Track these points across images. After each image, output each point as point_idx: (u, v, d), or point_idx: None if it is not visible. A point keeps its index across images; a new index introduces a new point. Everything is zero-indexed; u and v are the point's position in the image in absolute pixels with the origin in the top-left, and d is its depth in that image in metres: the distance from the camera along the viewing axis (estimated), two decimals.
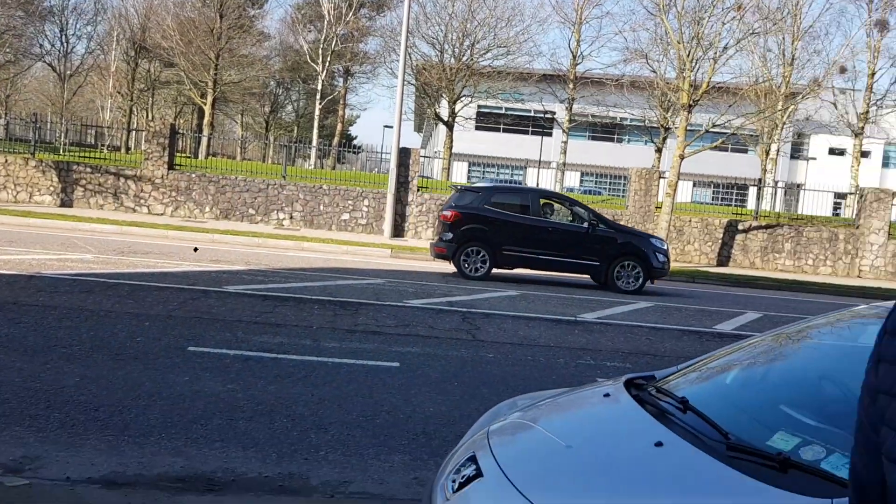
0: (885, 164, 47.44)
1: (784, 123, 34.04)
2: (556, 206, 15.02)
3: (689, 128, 22.45)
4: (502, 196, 14.72)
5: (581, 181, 45.55)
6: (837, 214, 36.26)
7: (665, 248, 14.78)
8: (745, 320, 11.78)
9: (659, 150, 31.39)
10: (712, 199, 44.60)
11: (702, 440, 2.38)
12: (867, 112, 34.15)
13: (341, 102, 51.04)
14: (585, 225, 14.30)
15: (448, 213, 14.26)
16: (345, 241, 18.69)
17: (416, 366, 6.86)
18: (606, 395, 3.04)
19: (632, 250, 14.23)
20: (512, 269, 14.60)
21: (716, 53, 22.12)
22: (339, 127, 50.23)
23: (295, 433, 4.89)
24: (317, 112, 45.04)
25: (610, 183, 44.83)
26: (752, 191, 34.79)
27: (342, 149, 40.67)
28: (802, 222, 23.33)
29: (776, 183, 33.01)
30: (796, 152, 46.48)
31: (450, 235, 14.07)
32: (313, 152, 41.33)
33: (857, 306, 3.47)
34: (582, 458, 2.54)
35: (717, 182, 45.11)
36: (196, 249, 14.57)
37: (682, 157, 21.72)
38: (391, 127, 23.64)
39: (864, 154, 38.47)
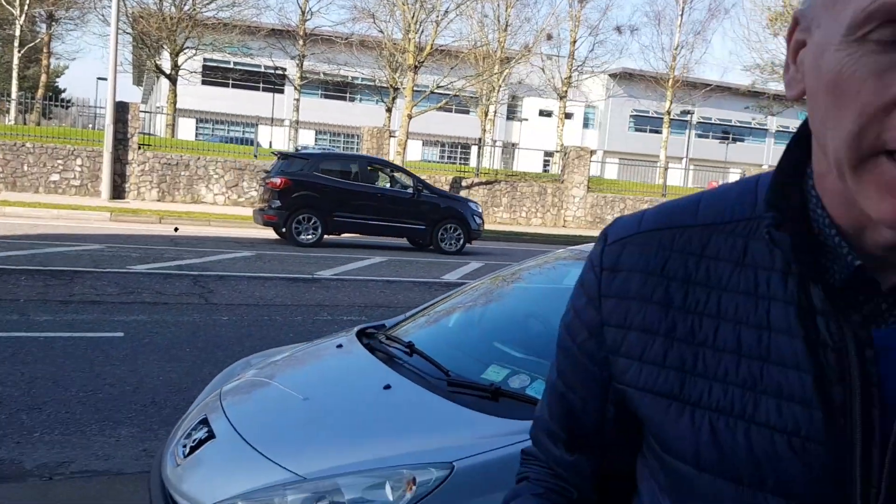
0: (586, 124, 52.71)
1: (500, 86, 36.45)
2: (384, 172, 15.47)
3: (415, 88, 23.24)
4: (331, 163, 14.96)
5: (316, 140, 45.34)
6: (547, 171, 39.81)
7: (480, 211, 15.80)
8: (469, 269, 12.62)
9: (389, 110, 32.16)
10: (440, 158, 46.76)
11: (426, 379, 2.56)
12: (570, 77, 37.64)
13: (45, 51, 45.64)
14: (410, 191, 14.93)
15: (277, 181, 13.96)
16: (56, 204, 16.95)
17: (143, 334, 6.50)
18: (340, 346, 3.14)
19: (453, 214, 15.08)
20: (340, 234, 14.69)
21: (438, 16, 23.03)
22: (43, 78, 44.94)
23: (3, 416, 4.43)
24: (15, 61, 39.86)
25: (344, 141, 45.14)
26: (474, 149, 37.02)
27: (48, 102, 36.59)
28: (517, 178, 25.31)
29: (494, 142, 35.39)
30: (511, 113, 50.02)
31: (278, 203, 13.83)
32: (13, 106, 36.68)
33: (559, 250, 3.90)
34: (317, 407, 2.61)
35: (443, 141, 47.31)
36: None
37: (410, 117, 22.48)
38: (106, 79, 21.68)
39: (568, 115, 42.45)
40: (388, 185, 15.25)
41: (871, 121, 0.58)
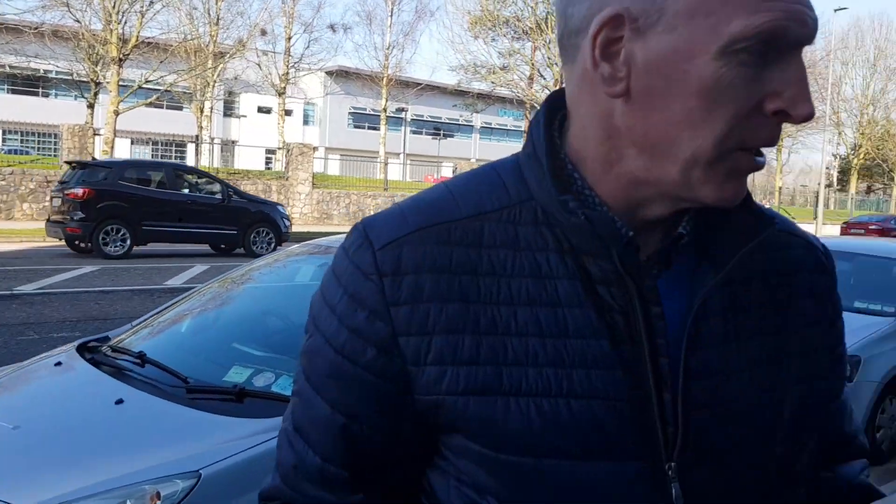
0: (306, 121, 52.57)
1: (215, 82, 35.13)
2: (192, 179, 15.48)
3: (122, 83, 21.65)
4: (136, 171, 14.59)
5: (4, 140, 40.29)
6: (269, 168, 39.20)
7: (287, 214, 16.40)
8: (195, 273, 12.07)
9: (91, 106, 29.55)
10: (152, 157, 43.91)
11: (163, 389, 2.45)
12: (287, 73, 37.37)
13: None
14: (220, 196, 14.94)
15: (79, 191, 13.25)
16: None
17: None
18: (58, 363, 2.88)
19: (264, 218, 15.40)
20: (145, 244, 14.30)
21: (143, 7, 21.61)
22: None
23: None
24: None
25: (39, 141, 40.60)
26: (191, 147, 35.35)
27: None
28: (240, 176, 24.61)
29: (213, 140, 34.11)
30: (229, 110, 48.39)
31: (82, 215, 13.18)
32: None
33: (291, 247, 3.91)
34: (34, 433, 2.39)
35: (156, 139, 44.47)
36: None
37: (117, 114, 20.90)
38: None
39: (288, 112, 42.10)
40: (204, 192, 15.18)
41: (738, 124, 0.66)
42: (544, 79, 35.12)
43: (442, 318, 0.70)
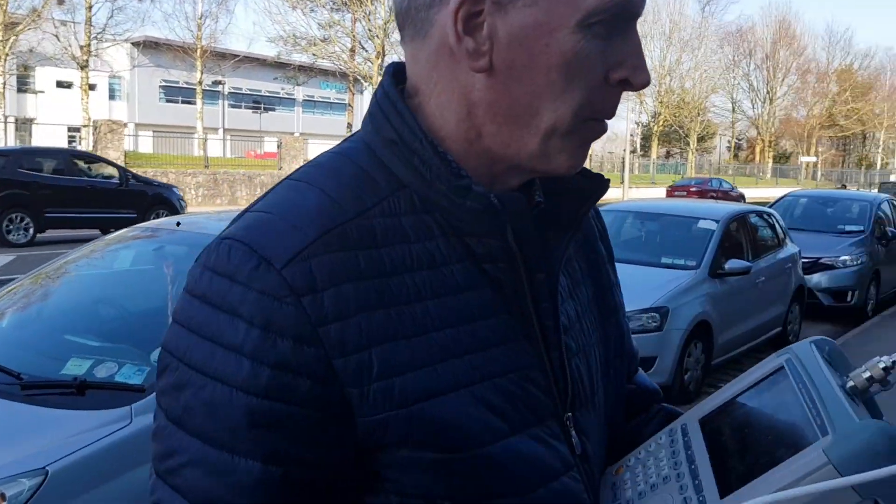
0: (112, 96, 49.05)
1: (7, 55, 32.01)
2: (88, 165, 15.68)
3: None
4: (34, 158, 14.85)
5: None
6: (74, 147, 36.46)
7: (182, 195, 16.94)
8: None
9: None
10: None
11: None
12: (89, 45, 34.70)
13: None
14: (117, 180, 15.27)
15: None
16: None
17: None
18: None
19: (161, 200, 15.87)
20: (44, 231, 14.34)
21: None
22: None
23: None
24: None
25: None
26: None
27: None
28: None
29: (6, 118, 31.19)
30: (23, 85, 44.24)
31: None
32: None
33: (114, 233, 3.75)
34: None
35: None
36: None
37: None
38: None
39: (92, 87, 39.09)
40: (102, 177, 15.46)
41: (592, 94, 0.68)
42: (366, 51, 34.98)
43: (375, 328, 0.66)
